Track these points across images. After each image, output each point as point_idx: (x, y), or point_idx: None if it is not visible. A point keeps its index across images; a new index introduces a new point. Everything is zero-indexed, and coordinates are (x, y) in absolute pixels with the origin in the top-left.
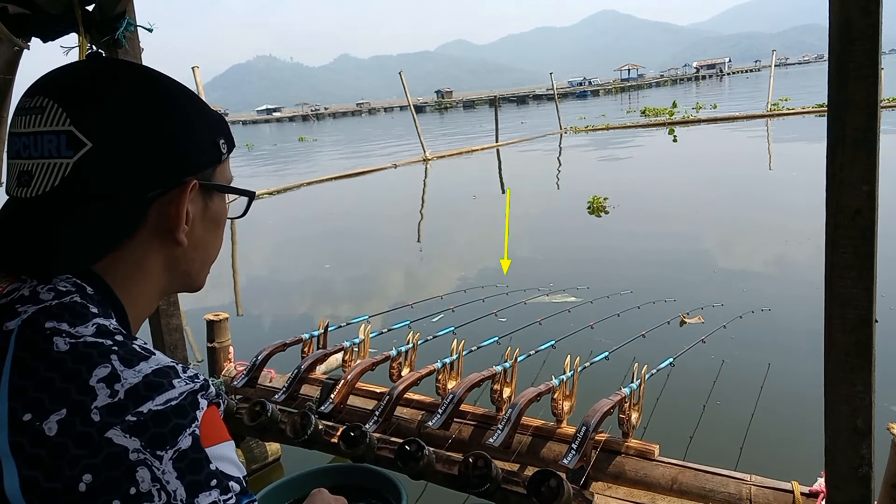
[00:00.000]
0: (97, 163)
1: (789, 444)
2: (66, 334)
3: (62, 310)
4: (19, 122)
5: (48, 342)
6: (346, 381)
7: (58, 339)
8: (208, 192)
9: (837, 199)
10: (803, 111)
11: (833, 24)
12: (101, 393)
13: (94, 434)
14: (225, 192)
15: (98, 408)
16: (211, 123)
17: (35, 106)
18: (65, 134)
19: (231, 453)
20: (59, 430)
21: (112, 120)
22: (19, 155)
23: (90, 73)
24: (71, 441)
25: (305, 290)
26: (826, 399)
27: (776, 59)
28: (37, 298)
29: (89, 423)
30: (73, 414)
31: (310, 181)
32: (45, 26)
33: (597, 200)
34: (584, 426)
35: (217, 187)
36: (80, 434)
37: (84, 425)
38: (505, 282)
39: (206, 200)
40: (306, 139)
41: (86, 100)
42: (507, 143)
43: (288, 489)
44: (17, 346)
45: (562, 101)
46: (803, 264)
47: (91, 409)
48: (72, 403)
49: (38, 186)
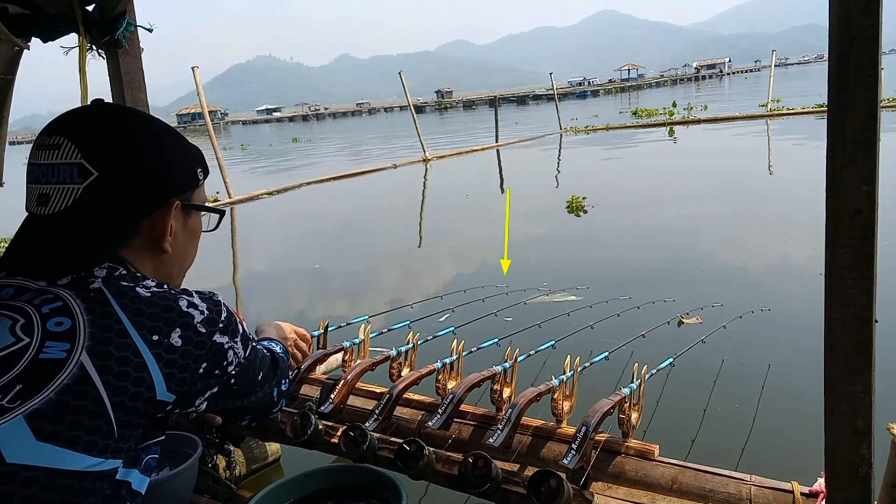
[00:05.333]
0: (102, 188)
1: (789, 444)
2: (142, 286)
3: (124, 275)
4: (39, 155)
5: (134, 292)
6: (346, 381)
7: (139, 289)
8: (188, 210)
9: (837, 200)
10: (803, 111)
11: (833, 24)
12: (195, 313)
13: (205, 339)
14: (201, 211)
15: (199, 322)
16: (190, 156)
17: (52, 143)
18: (76, 165)
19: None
20: (182, 341)
21: (114, 155)
22: (38, 181)
23: (96, 117)
24: (192, 346)
25: (304, 290)
26: (826, 399)
27: (776, 59)
28: (92, 274)
29: (199, 333)
30: (186, 329)
31: (309, 181)
32: (45, 26)
33: (575, 200)
34: (584, 426)
35: (195, 206)
36: (197, 341)
37: (197, 335)
38: (505, 282)
39: (186, 217)
40: (300, 140)
41: (93, 139)
42: (506, 144)
43: (288, 489)
44: (114, 296)
45: (562, 102)
46: (803, 264)
47: (196, 324)
48: (182, 323)
49: (55, 205)
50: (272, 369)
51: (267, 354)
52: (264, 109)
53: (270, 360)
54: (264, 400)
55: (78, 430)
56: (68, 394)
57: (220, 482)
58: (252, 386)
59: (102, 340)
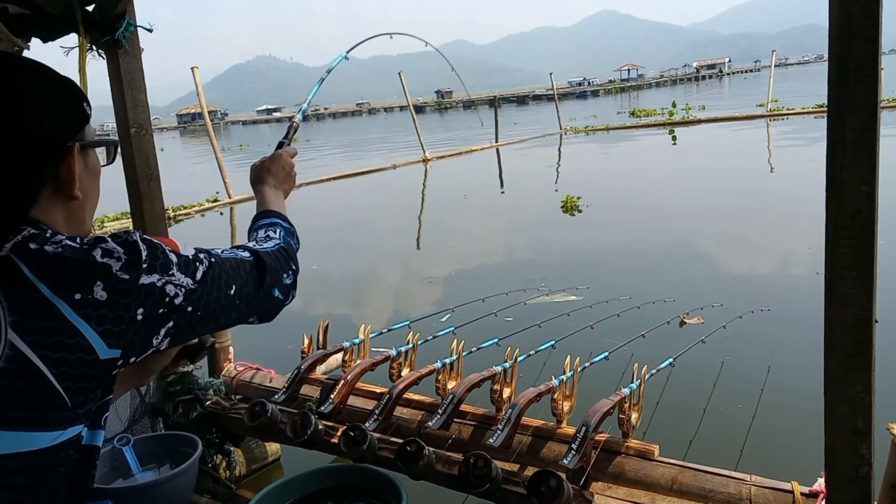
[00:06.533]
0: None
1: (789, 444)
2: (50, 243)
3: (30, 236)
4: None
5: (43, 251)
6: (346, 382)
7: (47, 247)
8: (84, 150)
9: (837, 200)
10: (803, 111)
11: (833, 24)
12: (111, 261)
13: (131, 285)
14: (97, 146)
15: (119, 269)
16: (77, 92)
17: None
18: None
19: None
20: (107, 294)
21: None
22: None
23: None
24: (119, 296)
25: (302, 290)
26: (826, 399)
27: (776, 59)
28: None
29: (122, 280)
30: (107, 280)
31: (309, 181)
32: (45, 26)
33: (570, 200)
34: (584, 426)
35: (92, 143)
36: (123, 289)
37: (121, 283)
38: (504, 281)
39: (85, 158)
40: (298, 140)
41: None
42: (506, 144)
43: (288, 489)
44: (24, 261)
45: (562, 102)
46: (803, 264)
47: (116, 273)
48: (102, 275)
49: None
50: (255, 274)
51: (246, 260)
52: (264, 109)
53: (252, 265)
54: (262, 306)
55: (30, 411)
56: (7, 377)
57: (220, 482)
58: (228, 301)
59: (24, 313)
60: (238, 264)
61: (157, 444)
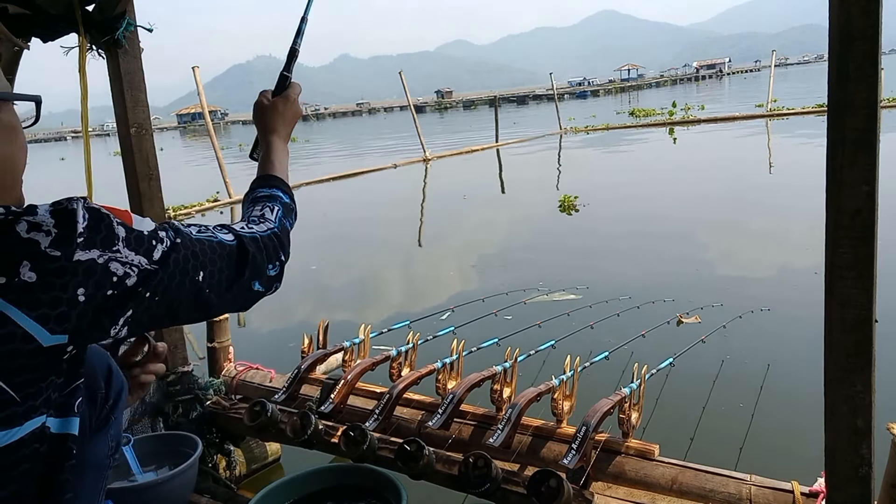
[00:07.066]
0: None
1: (789, 443)
2: None
3: None
4: None
5: None
6: (346, 381)
7: None
8: None
9: (837, 200)
10: (803, 111)
11: (833, 24)
12: (39, 235)
13: (63, 263)
14: (9, 100)
15: (49, 246)
16: None
17: None
18: None
19: (139, 217)
20: (36, 275)
21: None
22: None
23: None
24: (50, 276)
25: (301, 290)
26: (826, 399)
27: (776, 59)
28: None
29: (52, 258)
30: (36, 260)
31: (309, 181)
32: (45, 26)
33: (567, 199)
34: (584, 426)
35: (3, 97)
36: (54, 269)
37: (51, 262)
38: (504, 281)
39: None
40: (297, 140)
41: None
42: (506, 144)
43: (288, 489)
44: None
45: (562, 102)
46: (803, 264)
47: (45, 250)
48: (27, 254)
49: None
50: (235, 263)
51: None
52: None
53: (233, 252)
54: (235, 300)
55: None
56: None
57: (220, 482)
58: (194, 289)
59: None
60: (214, 248)
61: (157, 444)
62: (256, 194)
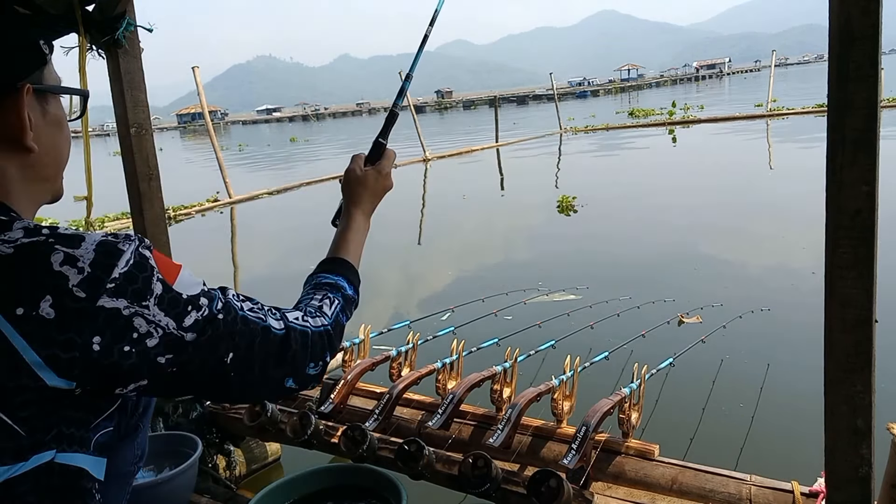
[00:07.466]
0: None
1: (789, 444)
2: (4, 240)
3: None
4: None
5: None
6: (346, 381)
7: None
8: (42, 95)
9: (837, 200)
10: (803, 111)
11: (833, 24)
12: (71, 273)
13: (86, 305)
14: (59, 94)
15: (76, 284)
16: (27, 25)
17: None
18: None
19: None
20: (55, 312)
21: None
22: None
23: None
24: (69, 316)
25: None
26: (826, 399)
27: (776, 59)
28: None
29: (77, 298)
30: (59, 296)
31: (310, 180)
32: (45, 26)
33: (565, 200)
34: (584, 426)
35: (52, 89)
36: (76, 309)
37: (74, 301)
38: (504, 281)
39: (43, 104)
40: (297, 140)
41: None
42: (506, 144)
43: (288, 489)
44: None
45: (561, 102)
46: (803, 264)
47: (71, 287)
48: (52, 287)
49: None
50: (274, 355)
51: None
52: (264, 109)
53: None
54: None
55: None
56: None
57: (220, 482)
58: (219, 371)
59: None
60: (257, 333)
61: (157, 444)
62: (320, 280)
